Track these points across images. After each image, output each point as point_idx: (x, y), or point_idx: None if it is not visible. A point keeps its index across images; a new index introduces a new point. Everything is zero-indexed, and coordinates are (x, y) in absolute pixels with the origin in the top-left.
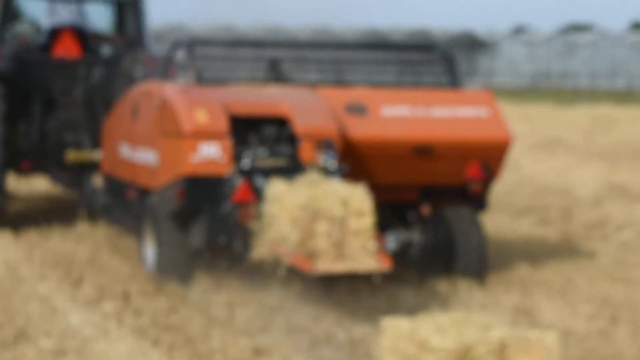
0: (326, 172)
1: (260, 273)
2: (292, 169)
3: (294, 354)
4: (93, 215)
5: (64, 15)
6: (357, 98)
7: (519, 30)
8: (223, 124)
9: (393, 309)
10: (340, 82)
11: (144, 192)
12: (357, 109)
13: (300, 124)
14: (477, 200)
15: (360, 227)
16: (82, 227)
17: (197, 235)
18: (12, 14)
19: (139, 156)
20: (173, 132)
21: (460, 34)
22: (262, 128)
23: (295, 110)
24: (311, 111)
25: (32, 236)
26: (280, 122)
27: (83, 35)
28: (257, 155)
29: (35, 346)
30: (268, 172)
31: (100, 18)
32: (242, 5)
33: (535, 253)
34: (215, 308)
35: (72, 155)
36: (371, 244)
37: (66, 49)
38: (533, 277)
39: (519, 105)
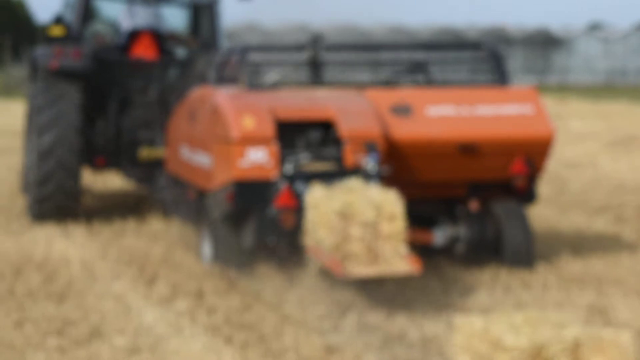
0: (367, 175)
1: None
2: (336, 173)
3: (366, 352)
4: (166, 212)
5: (142, 17)
6: (403, 99)
7: (594, 27)
8: (269, 130)
9: (466, 307)
10: (388, 83)
11: (201, 193)
12: (403, 110)
13: (345, 127)
14: (524, 195)
15: (392, 231)
16: (156, 225)
17: (247, 236)
18: (90, 15)
19: (197, 158)
20: (223, 138)
21: (536, 31)
22: (308, 132)
23: (340, 113)
24: (356, 114)
25: (106, 234)
26: (326, 126)
27: (160, 38)
28: (300, 160)
29: (109, 344)
30: (311, 177)
31: (176, 20)
32: (315, 4)
33: (611, 251)
34: (288, 306)
35: (145, 153)
36: (402, 247)
37: (143, 51)
38: (608, 275)
39: (594, 103)
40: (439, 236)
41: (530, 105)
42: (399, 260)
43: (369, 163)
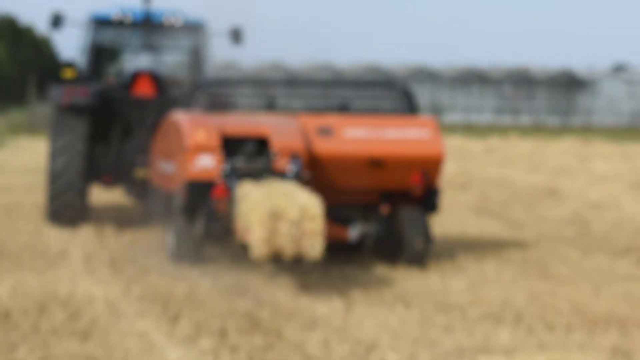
0: (288, 178)
1: (357, 309)
2: (267, 175)
3: None
4: (189, 251)
5: (144, 62)
6: (327, 123)
7: (618, 69)
8: (216, 142)
9: (489, 348)
10: (319, 110)
11: (169, 195)
12: (326, 131)
13: (276, 142)
14: (424, 203)
15: (313, 229)
16: (180, 264)
17: (199, 226)
18: (99, 66)
19: (166, 167)
20: (181, 147)
21: (559, 72)
22: (248, 145)
23: (274, 131)
24: (286, 132)
25: (130, 271)
26: (263, 141)
27: (157, 78)
28: (235, 163)
29: None
30: (242, 176)
31: (172, 63)
32: (293, 43)
33: (635, 293)
34: (311, 345)
35: (140, 173)
36: (319, 243)
37: (143, 89)
38: (632, 317)
39: (618, 144)
40: (353, 233)
41: (427, 131)
42: (314, 252)
43: (292, 169)
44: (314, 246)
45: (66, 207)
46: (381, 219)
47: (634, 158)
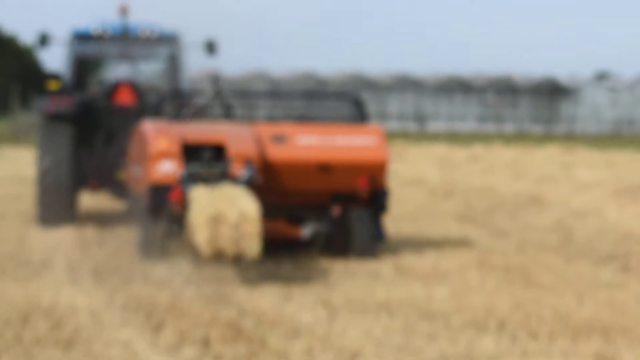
0: (241, 182)
1: (341, 317)
2: (216, 178)
3: None
4: (174, 259)
5: (123, 72)
6: (281, 130)
7: (601, 77)
8: (176, 149)
9: (472, 356)
10: (272, 119)
11: (139, 197)
12: (280, 138)
13: (232, 149)
14: (373, 204)
15: (251, 231)
16: (163, 272)
17: (162, 225)
18: (82, 77)
19: (137, 171)
20: (146, 154)
21: (543, 80)
22: (206, 151)
23: (230, 139)
24: (241, 140)
25: (113, 281)
26: (221, 148)
27: (137, 88)
28: (191, 169)
29: None
30: (197, 181)
31: (150, 73)
32: (276, 52)
33: (617, 300)
34: (295, 354)
35: (122, 175)
36: (256, 244)
37: (123, 98)
38: (615, 324)
39: (601, 152)
40: (306, 232)
41: (373, 138)
42: (252, 252)
43: (244, 174)
44: (252, 247)
45: (55, 211)
46: (332, 219)
47: (617, 165)
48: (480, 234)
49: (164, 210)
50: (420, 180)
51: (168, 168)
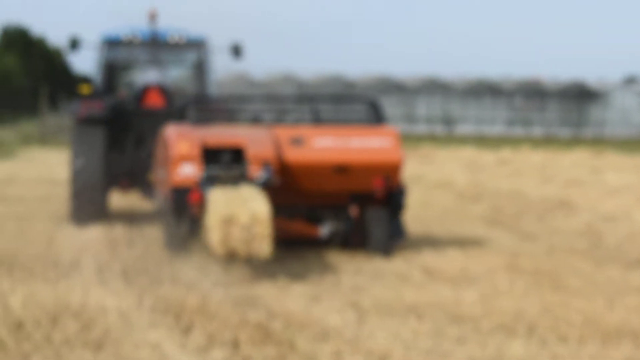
0: (258, 184)
1: (370, 320)
2: (241, 181)
3: None
4: (204, 262)
5: (152, 76)
6: (298, 133)
7: (630, 80)
8: (197, 152)
9: None
10: (292, 122)
11: (162, 198)
12: (298, 141)
13: (251, 152)
14: (390, 204)
15: (262, 232)
16: (192, 274)
17: (185, 225)
18: (115, 81)
19: (162, 173)
20: (168, 157)
21: (571, 83)
22: (225, 154)
23: (249, 142)
24: (260, 143)
25: (142, 282)
26: (240, 151)
27: (165, 91)
28: (210, 172)
29: None
30: (215, 183)
31: (178, 76)
32: (304, 54)
33: None
34: (323, 356)
35: (151, 176)
36: (266, 245)
37: (153, 101)
38: None
39: (630, 156)
40: (324, 231)
41: (388, 140)
42: (263, 252)
43: (261, 176)
44: (263, 247)
45: (87, 211)
46: (350, 219)
47: None
48: (509, 238)
49: (185, 212)
50: (448, 183)
51: (189, 171)
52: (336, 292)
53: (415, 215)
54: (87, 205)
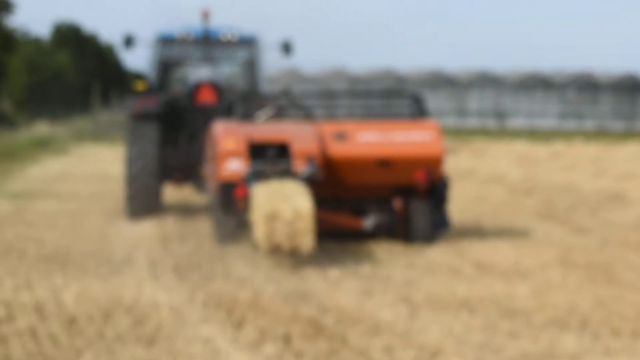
0: (303, 178)
1: (421, 314)
2: (284, 175)
3: None
4: (256, 257)
5: (204, 72)
6: (342, 128)
7: None
8: (243, 148)
9: (554, 355)
10: (335, 117)
11: (211, 193)
12: (342, 136)
13: (296, 147)
14: (433, 196)
15: (304, 228)
16: (244, 269)
17: (233, 219)
18: (169, 78)
19: (210, 169)
20: (216, 152)
21: (624, 76)
22: (271, 150)
23: (293, 138)
24: (304, 138)
25: (194, 278)
26: (285, 146)
27: (217, 87)
28: (257, 167)
29: None
30: (260, 178)
31: (230, 73)
32: (355, 48)
33: None
34: (375, 351)
35: (203, 170)
36: (309, 240)
37: (205, 98)
38: None
39: None
40: (368, 223)
41: (430, 133)
42: (306, 246)
43: (305, 170)
44: (306, 242)
45: (143, 204)
46: (393, 211)
47: None
48: (562, 231)
49: (232, 206)
50: (501, 177)
51: (235, 166)
52: (388, 286)
53: (468, 209)
54: (142, 199)
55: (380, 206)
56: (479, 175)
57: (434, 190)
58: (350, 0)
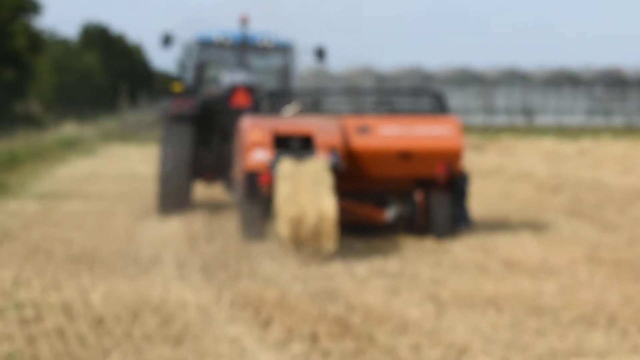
0: (329, 168)
1: (449, 312)
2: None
3: None
4: (281, 257)
5: (240, 76)
6: (365, 122)
7: None
8: (269, 139)
9: (582, 352)
10: (361, 112)
11: (238, 184)
12: (364, 129)
13: (319, 139)
14: (453, 189)
15: (327, 230)
16: (270, 269)
17: (259, 207)
18: (203, 79)
19: (237, 160)
20: (242, 144)
21: None
22: (295, 141)
23: (317, 130)
24: (327, 131)
25: (221, 277)
26: (309, 139)
27: (252, 91)
28: (279, 157)
29: None
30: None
31: (264, 75)
32: (383, 47)
33: None
34: (402, 349)
35: (232, 172)
36: (331, 241)
37: (240, 100)
38: None
39: None
40: (390, 214)
41: (449, 128)
42: (329, 246)
43: (329, 160)
44: (329, 243)
45: (174, 202)
46: (414, 203)
47: None
48: (590, 229)
49: (258, 194)
50: (528, 174)
51: (261, 156)
52: (415, 285)
53: (495, 207)
54: (173, 197)
55: (401, 198)
56: (506, 172)
57: (454, 184)
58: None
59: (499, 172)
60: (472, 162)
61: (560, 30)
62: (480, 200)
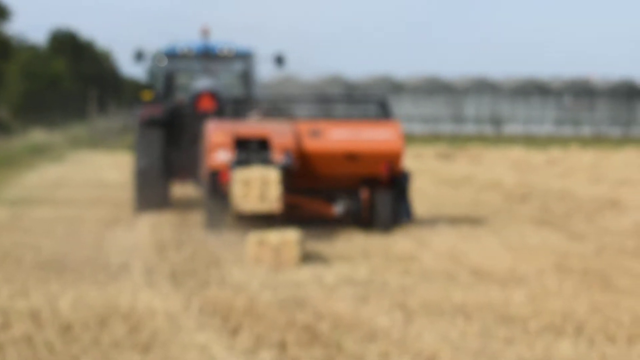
0: (280, 167)
1: (417, 321)
2: (265, 164)
3: None
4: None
5: (204, 83)
6: (317, 126)
7: None
8: (230, 141)
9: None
10: (313, 117)
11: (203, 182)
12: (315, 133)
13: (275, 141)
14: (395, 187)
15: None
16: (239, 276)
17: (220, 203)
18: (173, 88)
19: (202, 161)
20: (207, 145)
21: (621, 82)
22: (253, 143)
23: (273, 133)
24: (282, 134)
25: (190, 285)
26: (266, 141)
27: (216, 96)
28: (241, 157)
29: None
30: (247, 165)
31: (227, 82)
32: (352, 55)
33: None
34: (371, 357)
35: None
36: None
37: (205, 105)
38: None
39: None
40: (338, 209)
41: (391, 132)
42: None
43: (283, 160)
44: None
45: (151, 201)
46: (360, 200)
47: None
48: (558, 238)
49: (220, 191)
50: (497, 183)
51: (223, 157)
52: (384, 293)
53: (464, 215)
54: (150, 195)
55: (348, 195)
56: (475, 181)
57: (396, 182)
58: (348, 9)
59: (468, 181)
60: (441, 171)
61: (529, 40)
62: (449, 208)
